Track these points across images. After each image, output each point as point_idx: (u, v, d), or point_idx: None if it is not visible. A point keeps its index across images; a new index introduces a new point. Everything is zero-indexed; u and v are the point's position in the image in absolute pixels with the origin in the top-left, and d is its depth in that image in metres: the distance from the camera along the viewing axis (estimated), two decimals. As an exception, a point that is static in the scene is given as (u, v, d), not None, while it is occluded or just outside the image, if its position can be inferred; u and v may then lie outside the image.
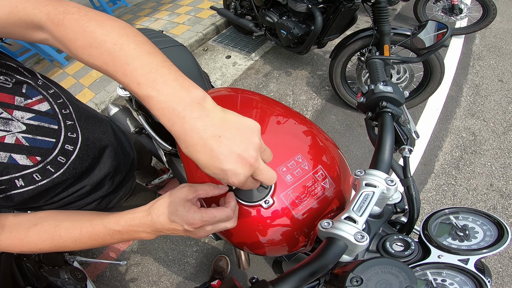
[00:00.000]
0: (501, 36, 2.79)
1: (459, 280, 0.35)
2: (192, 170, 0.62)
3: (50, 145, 0.52)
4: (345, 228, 0.33)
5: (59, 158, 0.54)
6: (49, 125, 0.52)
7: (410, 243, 0.40)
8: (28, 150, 0.49)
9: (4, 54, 0.50)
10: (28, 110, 0.49)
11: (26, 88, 0.50)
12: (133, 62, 0.31)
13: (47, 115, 0.53)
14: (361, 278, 0.26)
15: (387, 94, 0.51)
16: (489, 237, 0.39)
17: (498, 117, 2.06)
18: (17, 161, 0.48)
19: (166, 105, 0.29)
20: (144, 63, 0.31)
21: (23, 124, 0.48)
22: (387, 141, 0.45)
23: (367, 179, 0.39)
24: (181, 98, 0.30)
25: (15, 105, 0.48)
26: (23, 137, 0.48)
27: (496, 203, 1.62)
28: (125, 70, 0.31)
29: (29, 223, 0.47)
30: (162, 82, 0.30)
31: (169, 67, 0.32)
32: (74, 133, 0.57)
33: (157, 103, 0.30)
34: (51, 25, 0.35)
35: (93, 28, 0.33)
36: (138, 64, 0.31)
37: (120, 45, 0.32)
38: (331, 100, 2.34)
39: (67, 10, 0.35)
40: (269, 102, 0.70)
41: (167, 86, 0.30)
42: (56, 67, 3.09)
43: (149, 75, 0.30)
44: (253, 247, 0.56)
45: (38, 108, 0.51)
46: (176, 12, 3.66)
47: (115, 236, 0.46)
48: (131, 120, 1.44)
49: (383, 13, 1.64)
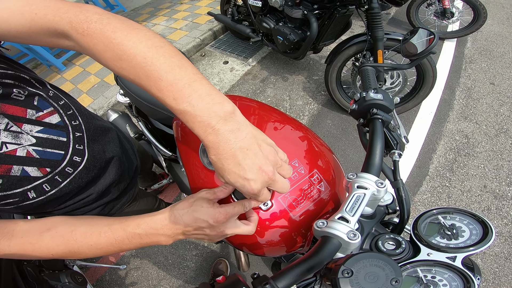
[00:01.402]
0: (492, 39, 2.85)
1: (448, 276, 0.37)
2: (194, 175, 0.65)
3: (59, 157, 0.53)
4: (339, 227, 0.36)
5: (67, 169, 0.55)
6: (58, 137, 0.53)
7: (401, 242, 0.42)
8: (38, 162, 0.50)
9: (17, 64, 0.51)
10: (38, 123, 0.50)
11: (37, 100, 0.51)
12: (166, 77, 0.32)
13: (57, 128, 0.54)
14: (352, 270, 0.29)
15: (378, 101, 0.54)
16: (475, 236, 0.41)
17: (490, 119, 2.11)
18: (29, 173, 0.49)
19: (202, 119, 0.32)
20: (177, 78, 0.33)
21: (33, 137, 0.49)
22: (377, 146, 0.48)
23: (358, 182, 0.42)
24: (215, 113, 0.32)
25: (26, 118, 0.48)
26: (33, 150, 0.49)
27: (490, 204, 1.66)
28: (160, 86, 0.33)
29: (43, 228, 0.47)
30: (197, 97, 0.32)
31: (200, 80, 0.34)
32: (82, 145, 0.58)
33: (193, 118, 0.32)
34: (76, 34, 0.35)
35: (120, 40, 0.34)
36: (171, 79, 0.32)
37: (150, 59, 0.33)
38: (327, 104, 2.38)
39: (88, 18, 0.35)
40: (267, 109, 0.73)
41: (201, 101, 0.32)
42: (54, 72, 3.10)
43: (183, 90, 0.32)
44: (252, 248, 0.58)
45: (49, 120, 0.52)
46: (174, 17, 3.70)
47: (133, 241, 0.45)
48: (131, 126, 1.45)
49: (376, 19, 1.68)
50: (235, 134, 0.33)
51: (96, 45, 0.35)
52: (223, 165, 0.34)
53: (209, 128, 0.32)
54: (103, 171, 0.66)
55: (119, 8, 4.24)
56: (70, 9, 0.36)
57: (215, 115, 0.32)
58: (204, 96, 0.33)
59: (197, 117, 0.32)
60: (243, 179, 0.34)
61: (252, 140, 0.34)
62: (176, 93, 0.32)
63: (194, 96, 0.32)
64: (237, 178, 0.34)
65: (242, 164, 0.33)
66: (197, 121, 0.32)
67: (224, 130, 0.32)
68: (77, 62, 3.17)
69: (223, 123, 0.32)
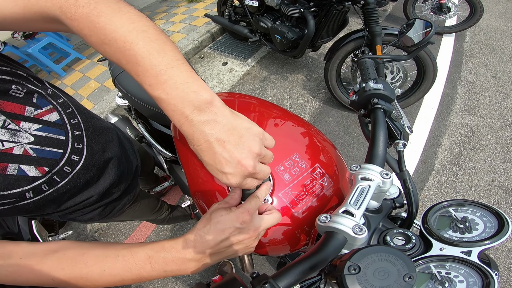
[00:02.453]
0: (490, 33, 2.83)
1: (464, 272, 0.35)
2: (192, 175, 0.63)
3: (58, 156, 0.52)
4: (343, 222, 0.33)
5: (65, 168, 0.54)
6: (56, 136, 0.52)
7: (411, 237, 0.40)
8: (36, 161, 0.49)
9: (14, 62, 0.50)
10: (36, 121, 0.49)
11: (37, 98, 0.50)
12: (143, 62, 0.31)
13: (56, 126, 0.52)
14: (359, 266, 0.26)
15: (378, 91, 0.52)
16: (490, 228, 0.39)
17: (495, 112, 2.07)
18: (26, 172, 0.47)
19: (175, 107, 0.31)
20: (153, 63, 0.31)
21: (31, 135, 0.48)
22: (380, 136, 0.45)
23: (362, 173, 0.40)
24: (190, 102, 0.30)
25: (24, 116, 0.47)
26: (31, 148, 0.48)
27: (500, 198, 1.62)
28: (137, 71, 0.32)
29: (48, 250, 0.41)
30: (172, 84, 0.31)
31: (178, 66, 0.32)
32: (80, 143, 0.57)
33: (167, 105, 0.31)
34: (66, 19, 0.35)
35: (103, 24, 0.33)
36: (148, 65, 0.31)
37: (129, 44, 0.32)
38: (328, 102, 2.36)
39: (77, 3, 0.34)
40: (267, 105, 0.72)
41: (176, 89, 0.30)
42: (54, 78, 3.11)
43: (159, 77, 0.31)
44: (255, 247, 0.56)
45: (48, 118, 0.51)
46: (171, 20, 3.71)
47: (156, 266, 0.39)
48: (131, 129, 1.44)
49: (372, 14, 1.66)
50: (210, 125, 0.31)
51: (83, 30, 0.34)
52: (201, 156, 0.33)
53: (182, 118, 0.31)
54: (102, 171, 0.65)
55: (117, 13, 4.25)
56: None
57: (189, 104, 0.31)
58: (179, 84, 0.31)
59: (170, 105, 0.31)
60: (220, 172, 0.32)
61: (231, 132, 0.32)
62: (152, 79, 0.31)
63: (169, 83, 0.31)
64: (214, 171, 0.33)
65: (219, 157, 0.32)
66: (171, 110, 0.31)
67: (198, 121, 0.31)
68: (76, 68, 3.19)
69: (197, 113, 0.31)
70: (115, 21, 0.33)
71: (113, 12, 0.33)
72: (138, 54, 0.31)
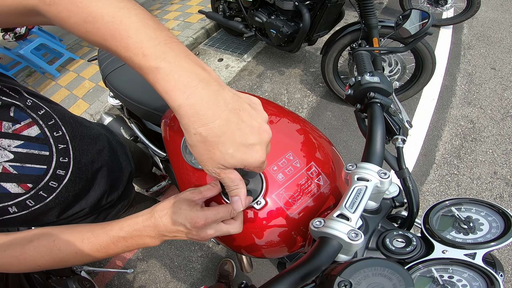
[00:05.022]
0: (488, 25, 2.80)
1: (468, 276, 0.33)
2: (180, 175, 0.60)
3: (41, 172, 0.50)
4: (338, 227, 0.31)
5: (50, 183, 0.52)
6: (39, 151, 0.50)
7: (412, 239, 0.38)
8: (17, 178, 0.47)
9: None
10: (16, 137, 0.46)
11: (14, 111, 0.47)
12: (136, 35, 0.27)
13: (38, 141, 0.50)
14: (350, 283, 0.24)
15: (374, 84, 0.49)
16: (495, 229, 0.37)
17: (495, 104, 2.04)
18: (8, 189, 0.46)
19: (180, 76, 0.26)
20: (150, 36, 0.27)
21: (10, 152, 0.46)
22: (377, 132, 0.42)
23: (359, 173, 0.37)
24: (197, 73, 0.27)
25: (2, 132, 0.45)
26: (10, 166, 0.46)
27: (502, 191, 1.59)
28: (127, 43, 0.27)
29: (24, 241, 0.44)
30: (174, 55, 0.27)
31: (177, 43, 0.29)
32: (66, 157, 0.55)
33: (168, 75, 0.26)
34: (43, 6, 0.31)
35: (86, 3, 0.29)
36: (143, 37, 0.27)
37: (120, 18, 0.28)
38: (326, 96, 2.33)
39: None
40: (262, 102, 0.69)
41: (179, 59, 0.27)
42: (48, 79, 3.08)
43: (157, 47, 0.27)
44: (250, 250, 0.54)
45: (28, 133, 0.48)
46: (165, 18, 3.65)
47: (119, 244, 0.43)
48: (125, 129, 1.42)
49: (368, 6, 1.63)
50: (222, 95, 0.27)
51: (61, 12, 0.30)
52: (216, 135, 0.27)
53: (188, 87, 0.26)
54: (91, 182, 0.63)
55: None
56: None
57: (197, 75, 0.27)
58: (182, 57, 0.27)
59: (173, 73, 0.26)
60: (246, 146, 0.28)
61: (240, 99, 0.29)
62: (147, 49, 0.27)
63: (171, 54, 0.27)
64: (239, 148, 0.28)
65: (241, 126, 0.28)
66: (173, 79, 0.26)
67: (208, 88, 0.27)
68: (70, 68, 3.14)
69: (207, 83, 0.27)
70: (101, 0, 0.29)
71: None
72: (131, 28, 0.28)
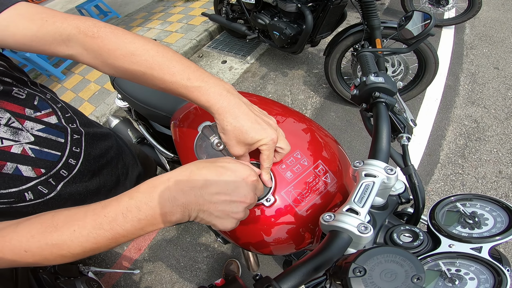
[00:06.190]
0: (490, 25, 2.80)
1: (475, 269, 0.34)
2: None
3: (56, 158, 0.52)
4: (348, 220, 0.32)
5: (61, 171, 0.53)
6: (56, 138, 0.52)
7: (418, 233, 0.39)
8: (33, 161, 0.48)
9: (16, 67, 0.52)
10: (38, 121, 0.50)
11: (38, 100, 0.51)
12: (178, 65, 0.42)
13: (57, 128, 0.53)
14: (364, 268, 0.25)
15: (379, 84, 0.51)
16: (500, 224, 0.38)
17: (499, 103, 2.04)
18: (22, 172, 0.46)
19: (215, 90, 0.41)
20: (185, 65, 0.43)
21: (32, 135, 0.48)
22: (383, 130, 0.44)
23: (366, 170, 0.38)
24: (223, 86, 0.43)
25: (27, 115, 0.48)
26: (30, 148, 0.48)
27: (508, 190, 1.59)
28: (172, 71, 0.41)
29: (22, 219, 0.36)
30: (206, 76, 0.43)
31: (200, 68, 0.44)
32: (78, 147, 0.57)
33: (207, 90, 0.41)
34: (84, 37, 0.41)
35: (131, 39, 0.42)
36: (185, 65, 0.42)
37: (162, 53, 0.42)
38: (330, 97, 2.34)
39: (96, 24, 0.42)
40: (267, 102, 0.70)
41: (210, 78, 0.42)
42: (54, 81, 3.12)
43: (195, 72, 0.42)
44: (259, 247, 0.55)
45: (48, 120, 0.52)
46: (168, 20, 3.69)
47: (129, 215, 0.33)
48: (132, 131, 1.44)
49: (370, 8, 1.64)
50: (240, 99, 0.43)
51: (107, 45, 0.41)
52: (242, 125, 0.41)
53: (221, 96, 0.41)
54: (97, 176, 0.64)
55: (113, 14, 4.24)
56: (77, 18, 0.42)
57: (223, 88, 0.42)
58: (210, 77, 0.43)
59: (210, 88, 0.41)
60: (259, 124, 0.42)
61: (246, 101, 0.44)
62: (190, 74, 0.42)
63: (204, 76, 0.42)
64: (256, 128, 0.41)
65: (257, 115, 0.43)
66: (211, 92, 0.41)
67: (232, 95, 0.42)
68: (76, 71, 3.19)
69: (231, 93, 0.43)
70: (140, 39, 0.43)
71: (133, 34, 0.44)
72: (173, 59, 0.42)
